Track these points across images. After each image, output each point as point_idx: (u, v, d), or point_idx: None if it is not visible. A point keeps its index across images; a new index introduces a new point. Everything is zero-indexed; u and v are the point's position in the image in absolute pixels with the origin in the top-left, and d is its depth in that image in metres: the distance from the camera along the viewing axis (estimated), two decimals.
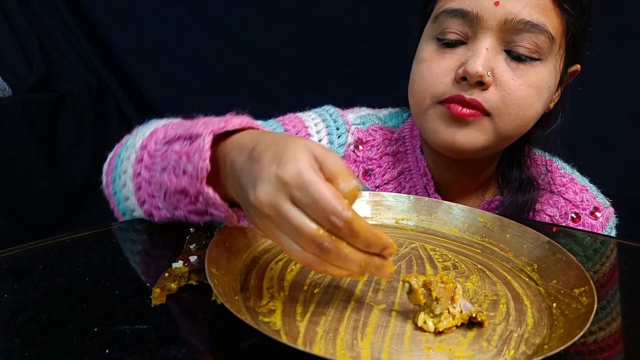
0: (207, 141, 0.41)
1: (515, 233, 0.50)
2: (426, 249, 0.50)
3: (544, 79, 0.61)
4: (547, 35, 0.58)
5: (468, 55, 0.60)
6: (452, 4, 0.61)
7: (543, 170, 0.74)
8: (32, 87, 1.61)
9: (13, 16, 1.69)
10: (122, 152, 0.55)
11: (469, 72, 0.58)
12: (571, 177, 0.76)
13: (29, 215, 1.53)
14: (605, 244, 0.57)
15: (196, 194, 0.42)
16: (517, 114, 0.61)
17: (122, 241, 0.50)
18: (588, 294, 0.38)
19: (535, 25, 0.58)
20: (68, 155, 1.67)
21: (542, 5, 0.58)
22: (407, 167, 0.75)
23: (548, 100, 0.64)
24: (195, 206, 0.44)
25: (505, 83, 0.59)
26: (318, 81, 1.64)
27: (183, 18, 1.77)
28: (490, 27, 0.59)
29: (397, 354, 0.33)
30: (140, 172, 0.49)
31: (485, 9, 0.58)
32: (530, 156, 0.72)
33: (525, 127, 0.63)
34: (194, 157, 0.41)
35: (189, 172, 0.42)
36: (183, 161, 0.42)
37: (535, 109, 0.62)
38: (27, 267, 0.42)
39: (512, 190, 0.70)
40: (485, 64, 0.58)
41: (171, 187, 0.44)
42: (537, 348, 0.34)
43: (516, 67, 0.60)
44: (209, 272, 0.35)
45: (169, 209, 0.48)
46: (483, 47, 0.59)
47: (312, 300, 0.38)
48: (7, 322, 0.34)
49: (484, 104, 0.59)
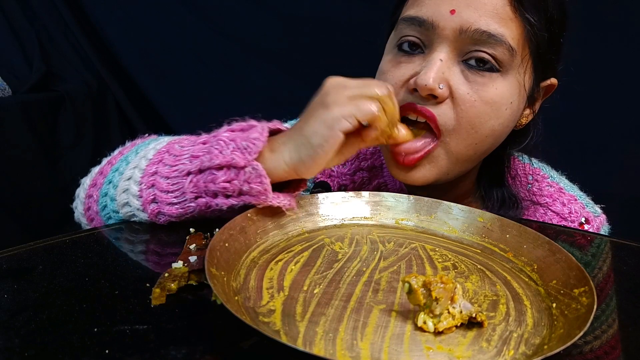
0: (265, 128, 0.49)
1: (515, 233, 0.50)
2: (426, 249, 0.50)
3: (503, 94, 0.58)
4: (506, 46, 0.55)
5: (423, 65, 0.57)
6: (411, 11, 0.59)
7: (529, 180, 0.72)
8: (32, 87, 1.61)
9: (13, 16, 1.70)
10: (119, 166, 0.55)
11: (418, 84, 0.56)
12: (559, 187, 0.73)
13: (29, 215, 1.53)
14: (605, 244, 0.57)
15: (244, 165, 0.46)
16: (468, 133, 0.58)
17: (122, 241, 0.50)
18: (588, 294, 0.38)
19: (492, 35, 0.55)
20: (68, 155, 1.67)
21: (502, 14, 0.55)
22: (382, 182, 0.74)
23: (511, 117, 0.61)
24: (230, 184, 0.47)
25: (461, 97, 0.57)
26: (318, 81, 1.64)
27: (183, 18, 1.78)
28: (445, 37, 0.56)
29: (397, 354, 0.33)
30: (157, 170, 0.51)
31: (441, 17, 0.56)
32: (513, 167, 0.70)
33: (480, 145, 0.60)
34: (252, 135, 0.47)
35: (241, 148, 0.47)
36: (236, 142, 0.48)
37: (491, 126, 0.59)
38: (27, 267, 0.42)
39: (496, 208, 0.68)
40: (437, 77, 0.55)
41: (215, 162, 0.47)
42: (537, 348, 0.34)
43: (473, 79, 0.57)
44: (208, 272, 0.35)
45: (186, 197, 0.49)
46: (437, 58, 0.56)
47: (312, 301, 0.38)
48: (7, 322, 0.34)
49: (438, 118, 0.57)
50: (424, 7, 0.58)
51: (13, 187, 1.47)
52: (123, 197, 0.52)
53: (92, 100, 1.77)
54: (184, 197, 0.49)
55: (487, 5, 0.55)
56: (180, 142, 0.53)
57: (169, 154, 0.52)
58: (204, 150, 0.49)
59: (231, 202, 0.48)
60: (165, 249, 0.48)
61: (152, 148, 0.54)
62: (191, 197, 0.49)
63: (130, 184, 0.52)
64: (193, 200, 0.49)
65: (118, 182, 0.53)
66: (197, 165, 0.49)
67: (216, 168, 0.47)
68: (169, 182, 0.50)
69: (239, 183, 0.47)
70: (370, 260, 0.46)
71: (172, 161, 0.51)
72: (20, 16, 1.71)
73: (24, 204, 1.51)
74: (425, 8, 0.58)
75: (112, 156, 0.60)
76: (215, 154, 0.47)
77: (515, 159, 0.71)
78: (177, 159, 0.50)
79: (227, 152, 0.47)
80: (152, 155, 0.52)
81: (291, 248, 0.47)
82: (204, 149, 0.49)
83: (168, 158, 0.51)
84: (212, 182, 0.47)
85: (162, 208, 0.50)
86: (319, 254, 0.46)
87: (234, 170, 0.47)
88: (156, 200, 0.50)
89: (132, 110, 1.89)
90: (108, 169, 0.56)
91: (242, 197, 0.48)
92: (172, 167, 0.50)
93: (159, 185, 0.50)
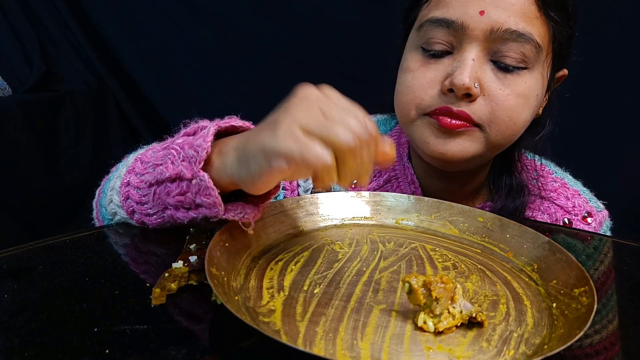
0: (211, 130, 0.43)
1: (515, 233, 0.50)
2: (426, 249, 0.50)
3: (531, 87, 0.60)
4: (534, 44, 0.57)
5: (454, 66, 0.58)
6: (437, 12, 0.59)
7: (535, 175, 0.73)
8: (32, 86, 1.61)
9: (13, 16, 1.69)
10: (112, 175, 0.55)
11: (455, 84, 0.57)
12: (563, 182, 0.75)
13: (29, 215, 1.53)
14: (605, 244, 0.57)
15: (190, 178, 0.43)
16: (507, 124, 0.60)
17: (122, 241, 0.50)
18: (588, 294, 0.38)
19: (522, 34, 0.57)
20: (68, 155, 1.67)
21: (528, 13, 0.57)
22: (394, 175, 0.74)
23: (537, 108, 0.64)
24: (184, 197, 0.44)
25: (493, 93, 0.59)
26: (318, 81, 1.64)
27: (183, 18, 1.78)
28: (475, 37, 0.57)
29: (397, 354, 0.33)
30: (130, 180, 0.49)
31: (470, 19, 0.57)
32: (522, 161, 0.71)
33: (515, 135, 0.63)
34: (196, 142, 0.43)
35: (189, 157, 0.43)
36: (184, 149, 0.44)
37: (525, 117, 0.61)
38: (27, 267, 0.42)
39: (502, 196, 0.70)
40: (472, 75, 0.57)
41: (165, 174, 0.44)
42: (537, 348, 0.34)
43: (503, 77, 0.59)
44: (209, 272, 0.35)
45: (158, 209, 0.47)
46: (469, 57, 0.58)
47: (312, 300, 0.38)
48: (7, 322, 0.34)
49: (473, 116, 0.59)
50: (451, 8, 0.58)
51: (13, 187, 1.46)
52: (111, 207, 0.52)
53: (92, 100, 1.76)
54: (156, 209, 0.47)
55: (515, 5, 0.57)
56: (154, 147, 0.51)
57: (140, 161, 0.50)
58: (162, 159, 0.46)
59: (191, 215, 0.45)
60: (165, 249, 0.48)
61: (133, 155, 0.53)
62: (160, 209, 0.47)
63: (113, 194, 0.51)
64: (163, 212, 0.47)
65: (107, 192, 0.53)
66: (154, 176, 0.46)
67: (169, 180, 0.45)
68: (140, 194, 0.48)
69: (192, 195, 0.43)
70: (370, 260, 0.46)
71: (141, 169, 0.49)
72: (20, 16, 1.70)
73: (24, 204, 1.51)
74: (453, 9, 0.58)
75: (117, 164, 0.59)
76: (167, 165, 0.44)
77: (523, 155, 0.72)
78: (144, 168, 0.48)
79: (178, 162, 0.44)
80: (130, 163, 0.51)
81: (291, 248, 0.47)
82: (162, 158, 0.46)
83: (139, 166, 0.49)
84: (168, 195, 0.45)
85: (144, 218, 0.49)
86: (319, 254, 0.46)
87: (186, 181, 0.43)
88: (135, 211, 0.49)
89: (132, 110, 1.89)
90: (107, 177, 0.56)
91: (199, 210, 0.44)
92: (140, 177, 0.48)
93: (132, 196, 0.48)
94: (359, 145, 0.37)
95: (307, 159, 0.35)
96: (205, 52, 1.79)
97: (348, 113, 0.38)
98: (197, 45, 1.79)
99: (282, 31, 1.69)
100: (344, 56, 1.60)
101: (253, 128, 0.44)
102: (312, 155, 0.35)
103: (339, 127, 0.36)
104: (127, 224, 0.52)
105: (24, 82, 1.62)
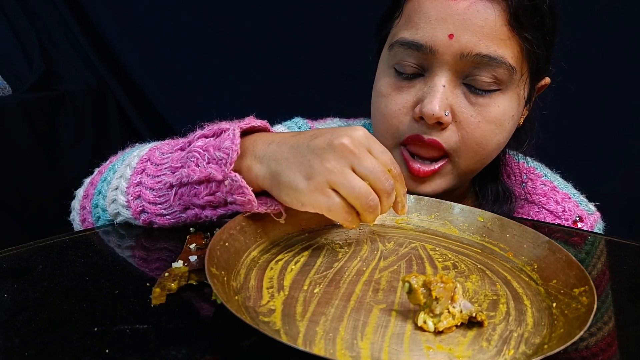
0: (237, 132, 0.45)
1: (515, 233, 0.50)
2: (426, 248, 0.50)
3: (505, 110, 0.59)
4: (507, 66, 0.56)
5: (425, 91, 0.58)
6: (406, 34, 0.58)
7: (523, 179, 0.73)
8: (32, 86, 1.61)
9: (13, 16, 1.69)
10: (107, 176, 0.55)
11: (425, 113, 0.56)
12: (553, 185, 0.73)
13: (29, 215, 1.53)
14: (604, 244, 0.57)
15: (222, 179, 0.44)
16: (475, 151, 0.60)
17: (122, 241, 0.50)
18: (588, 293, 0.38)
19: (493, 58, 0.55)
20: (68, 155, 1.67)
21: (500, 35, 0.55)
22: None
23: (513, 127, 0.63)
24: (214, 196, 0.46)
25: (465, 120, 0.58)
26: (318, 81, 1.64)
27: (183, 18, 1.77)
28: (445, 62, 0.56)
29: (397, 354, 0.33)
30: (141, 181, 0.50)
31: (439, 43, 0.56)
32: (508, 164, 0.71)
33: (486, 159, 0.63)
34: (224, 144, 0.45)
35: (217, 159, 0.45)
36: (210, 152, 0.46)
37: (497, 141, 0.61)
38: (27, 267, 0.42)
39: (490, 203, 0.69)
40: (442, 103, 0.56)
41: (193, 177, 0.46)
42: (537, 348, 0.34)
43: (475, 101, 0.58)
44: (209, 272, 0.35)
45: (176, 209, 0.48)
46: (439, 83, 0.57)
47: (312, 300, 0.38)
48: (7, 322, 0.34)
49: (444, 144, 0.59)
50: (420, 30, 0.57)
51: (13, 186, 1.46)
52: (113, 207, 0.52)
53: (92, 100, 1.76)
54: (172, 209, 0.49)
55: (485, 28, 0.55)
56: (161, 149, 0.52)
57: (151, 162, 0.51)
58: (181, 162, 0.48)
59: (219, 212, 0.47)
60: (165, 249, 0.48)
61: (135, 155, 0.54)
62: (180, 209, 0.49)
63: (117, 194, 0.51)
64: (183, 212, 0.49)
65: (107, 193, 0.53)
66: (177, 178, 0.47)
67: (196, 183, 0.46)
68: (155, 194, 0.49)
69: (222, 195, 0.45)
70: (370, 259, 0.46)
71: (155, 171, 0.50)
72: (20, 16, 1.70)
73: (24, 203, 1.51)
74: (422, 32, 0.57)
75: (102, 165, 0.59)
76: (192, 168, 0.46)
77: (510, 157, 0.72)
78: (158, 169, 0.50)
79: (204, 165, 0.45)
80: (135, 164, 0.52)
81: (291, 248, 0.47)
82: (182, 160, 0.48)
83: (150, 167, 0.50)
84: (196, 196, 0.47)
85: (153, 218, 0.50)
86: (319, 253, 0.46)
87: (215, 183, 0.45)
88: (145, 210, 0.50)
89: (132, 110, 1.89)
90: (98, 179, 0.56)
91: (229, 207, 0.47)
92: (155, 178, 0.49)
93: (145, 196, 0.49)
94: (380, 202, 0.43)
95: (333, 216, 0.43)
96: (206, 52, 1.79)
97: (376, 173, 0.42)
98: (198, 45, 1.79)
99: (282, 31, 1.69)
100: (344, 56, 1.60)
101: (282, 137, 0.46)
102: (337, 214, 0.43)
103: (363, 191, 0.42)
104: (127, 224, 0.52)
105: (24, 81, 1.62)
